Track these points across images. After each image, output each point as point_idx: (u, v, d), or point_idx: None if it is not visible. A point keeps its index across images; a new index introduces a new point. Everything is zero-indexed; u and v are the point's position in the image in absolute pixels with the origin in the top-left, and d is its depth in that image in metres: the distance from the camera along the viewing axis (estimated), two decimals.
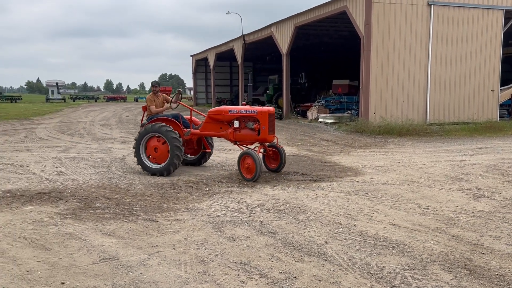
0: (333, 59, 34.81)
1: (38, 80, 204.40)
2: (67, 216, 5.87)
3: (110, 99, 72.25)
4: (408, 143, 14.00)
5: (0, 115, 27.65)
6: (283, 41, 24.77)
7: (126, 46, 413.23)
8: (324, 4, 20.14)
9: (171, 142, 8.53)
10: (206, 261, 4.36)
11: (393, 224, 5.55)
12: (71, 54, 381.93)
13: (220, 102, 42.85)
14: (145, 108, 9.58)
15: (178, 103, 9.65)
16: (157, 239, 4.99)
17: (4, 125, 20.58)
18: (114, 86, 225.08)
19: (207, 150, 9.67)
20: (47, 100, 60.99)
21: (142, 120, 9.84)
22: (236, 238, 5.03)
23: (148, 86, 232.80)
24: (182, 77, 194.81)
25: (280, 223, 5.57)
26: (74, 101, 64.40)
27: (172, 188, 7.59)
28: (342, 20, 21.15)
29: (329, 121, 20.15)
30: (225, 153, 11.69)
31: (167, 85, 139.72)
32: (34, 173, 8.88)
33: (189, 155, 9.79)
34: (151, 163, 8.80)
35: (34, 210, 6.19)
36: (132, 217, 5.84)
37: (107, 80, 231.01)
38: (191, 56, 47.56)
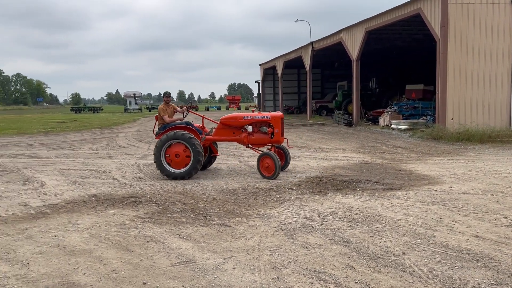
0: (406, 63, 33.57)
1: (117, 91, 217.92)
2: (146, 220, 6.17)
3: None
4: (490, 150, 13.09)
5: (84, 124, 29.80)
6: (353, 47, 24.33)
7: (197, 57, 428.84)
8: (396, 7, 19.53)
9: (193, 148, 9.10)
10: (279, 267, 4.36)
11: (477, 236, 5.21)
12: (147, 66, 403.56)
13: (287, 110, 43.02)
14: (157, 118, 10.02)
15: (188, 112, 10.27)
16: (231, 244, 5.09)
17: (88, 134, 22.14)
18: (186, 96, 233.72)
19: (217, 154, 10.46)
20: (126, 110, 64.79)
21: (154, 129, 10.23)
22: (309, 245, 4.99)
23: (218, 96, 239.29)
24: (250, 86, 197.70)
25: (354, 232, 5.45)
26: (150, 111, 67.66)
27: (243, 195, 7.71)
28: (415, 22, 20.36)
29: (403, 127, 19.41)
30: (294, 161, 11.67)
31: (236, 94, 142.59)
32: (116, 179, 9.45)
33: None
34: (172, 168, 9.23)
35: (116, 213, 6.58)
36: (206, 222, 6.01)
37: (180, 90, 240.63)
38: (259, 65, 48.20)
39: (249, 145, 9.88)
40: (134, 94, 69.02)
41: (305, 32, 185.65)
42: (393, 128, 20.13)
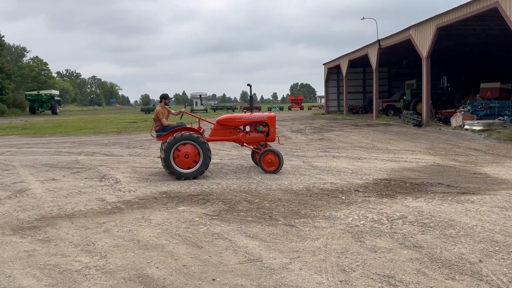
0: (480, 60, 31.68)
1: (183, 92, 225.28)
2: (214, 217, 6.34)
3: (246, 109, 76.10)
4: None
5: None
6: (423, 44, 23.34)
7: (260, 58, 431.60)
8: (471, 1, 18.47)
9: (203, 147, 9.49)
10: (347, 270, 4.30)
11: None
12: (212, 68, 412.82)
13: (352, 110, 42.15)
14: (154, 119, 10.20)
15: (183, 114, 10.85)
16: (297, 244, 5.09)
17: None
18: (249, 97, 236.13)
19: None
20: (192, 110, 66.83)
21: (151, 130, 10.54)
22: (378, 249, 4.87)
23: (280, 96, 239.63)
24: (313, 86, 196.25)
25: (426, 237, 5.23)
26: (214, 111, 69.31)
27: (308, 195, 7.67)
28: (492, 17, 19.15)
29: (477, 128, 18.32)
30: (359, 162, 11.42)
31: (299, 94, 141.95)
32: None
33: None
34: (180, 168, 9.42)
35: (186, 210, 6.82)
36: (272, 221, 6.06)
37: (243, 91, 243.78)
38: (323, 64, 47.68)
39: (245, 144, 10.55)
40: (200, 95, 71.02)
41: (370, 31, 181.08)
42: (466, 129, 19.07)
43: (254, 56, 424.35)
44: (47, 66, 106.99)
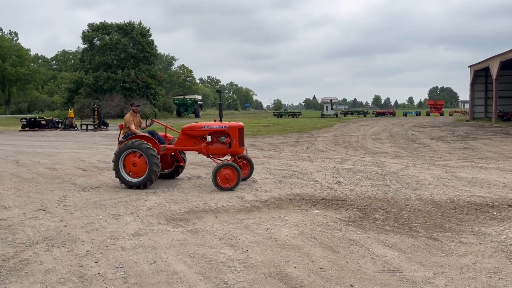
0: None
1: (314, 97, 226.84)
2: (349, 223, 6.26)
3: (378, 114, 73.55)
4: None
5: (285, 128, 31.93)
6: None
7: (396, 61, 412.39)
8: None
9: (149, 158, 8.99)
10: None
11: None
12: (344, 72, 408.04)
13: (502, 116, 37.80)
14: (121, 126, 9.92)
15: (152, 122, 10.22)
16: (441, 259, 4.76)
17: (289, 137, 23.64)
18: (382, 101, 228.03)
19: (181, 164, 10.26)
20: (322, 115, 66.90)
21: (118, 137, 10.01)
22: None
23: (417, 100, 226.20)
24: (454, 90, 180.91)
25: None
26: (345, 116, 68.49)
27: (452, 208, 7.11)
28: None
29: None
30: (510, 174, 10.19)
31: (438, 98, 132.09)
32: (317, 181, 9.85)
33: (164, 170, 10.20)
34: (129, 177, 9.16)
35: (320, 214, 6.87)
36: (412, 233, 5.76)
37: (376, 96, 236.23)
38: (469, 66, 43.64)
39: (209, 155, 9.59)
40: (331, 100, 70.66)
41: None
42: None
43: (390, 59, 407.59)
44: (192, 73, 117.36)
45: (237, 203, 7.67)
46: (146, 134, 9.59)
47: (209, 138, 9.50)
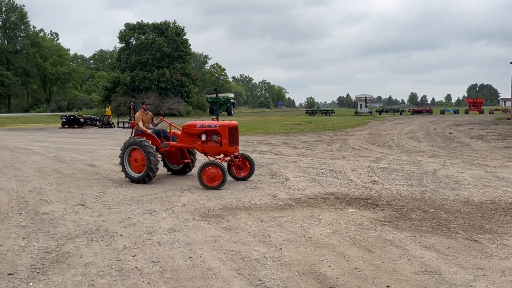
0: None
1: (347, 95, 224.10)
2: (385, 223, 6.15)
3: (414, 112, 71.77)
4: None
5: (318, 126, 31.67)
6: None
7: (433, 58, 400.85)
8: None
9: (147, 155, 9.38)
10: None
11: None
12: (378, 69, 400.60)
13: None
14: (133, 124, 10.54)
15: (161, 120, 10.81)
16: (481, 262, 4.61)
17: (322, 136, 23.44)
18: (419, 99, 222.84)
19: (186, 161, 10.53)
20: (356, 113, 65.93)
21: (131, 134, 10.50)
22: None
23: (455, 98, 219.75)
24: (495, 87, 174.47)
25: None
26: (380, 114, 67.17)
27: (493, 209, 6.86)
28: None
29: None
30: None
31: (477, 96, 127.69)
32: (351, 180, 9.73)
33: (174, 165, 10.85)
34: (132, 172, 9.69)
35: (355, 213, 6.78)
36: (450, 234, 5.60)
37: (412, 93, 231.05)
38: (511, 62, 41.95)
39: (206, 153, 9.82)
40: (365, 97, 69.60)
41: None
42: None
43: (426, 56, 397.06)
44: (225, 71, 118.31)
45: (270, 201, 7.68)
46: (150, 132, 10.07)
47: (203, 137, 9.70)
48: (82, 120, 37.00)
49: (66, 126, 35.71)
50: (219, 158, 9.59)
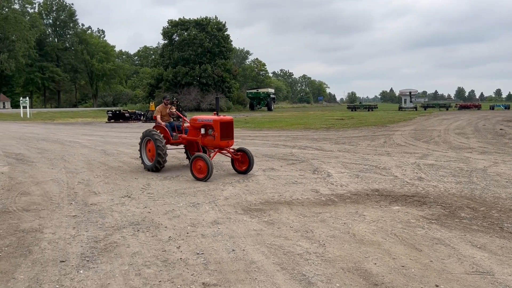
0: None
1: (391, 89, 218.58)
2: (432, 221, 5.95)
3: (462, 107, 69.09)
4: None
5: (361, 121, 31.09)
6: None
7: (482, 51, 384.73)
8: None
9: (156, 145, 10.05)
10: None
11: None
12: (424, 63, 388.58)
13: None
14: (155, 117, 11.21)
15: (176, 114, 11.28)
16: None
17: (365, 131, 22.98)
18: (466, 94, 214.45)
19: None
20: (400, 108, 64.22)
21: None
22: None
23: (505, 93, 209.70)
24: None
25: None
26: (425, 109, 65.12)
27: None
28: None
29: None
30: None
31: None
32: (396, 176, 9.47)
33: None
34: (147, 161, 10.57)
35: (400, 210, 6.59)
36: (503, 234, 5.35)
37: (459, 88, 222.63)
38: None
39: (205, 147, 10.23)
40: (410, 92, 67.60)
41: None
42: None
43: (475, 49, 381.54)
44: (265, 67, 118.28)
45: (312, 196, 7.60)
46: (163, 125, 10.79)
47: (202, 130, 10.22)
48: (127, 115, 38.09)
49: (112, 120, 36.88)
50: (222, 153, 10.25)
